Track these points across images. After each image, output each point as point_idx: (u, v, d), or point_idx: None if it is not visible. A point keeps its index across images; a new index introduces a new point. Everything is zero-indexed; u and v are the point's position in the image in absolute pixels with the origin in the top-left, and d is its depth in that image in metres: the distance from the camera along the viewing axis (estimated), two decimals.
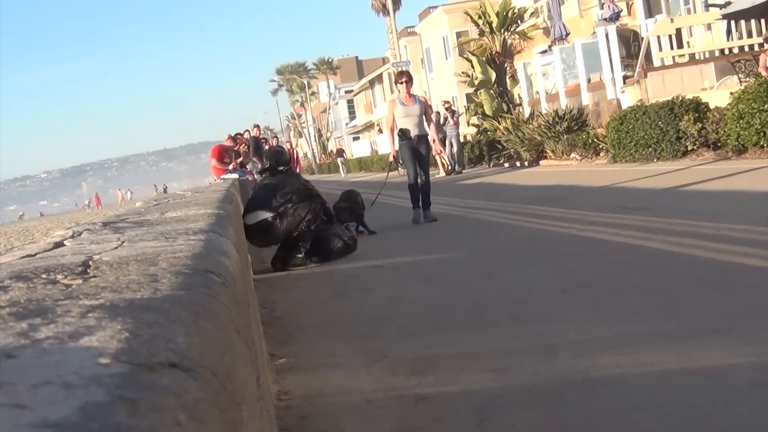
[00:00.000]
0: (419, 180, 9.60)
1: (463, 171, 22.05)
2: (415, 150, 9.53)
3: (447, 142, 22.13)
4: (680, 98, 13.17)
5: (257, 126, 18.74)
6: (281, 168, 7.33)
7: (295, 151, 28.04)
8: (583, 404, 2.61)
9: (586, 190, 9.06)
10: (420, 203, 9.55)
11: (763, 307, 3.50)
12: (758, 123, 10.98)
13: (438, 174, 23.67)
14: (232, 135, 15.28)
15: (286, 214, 6.86)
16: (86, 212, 69.36)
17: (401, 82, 9.53)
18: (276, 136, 30.84)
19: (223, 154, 14.15)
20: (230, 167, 14.00)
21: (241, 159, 14.51)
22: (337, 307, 5.07)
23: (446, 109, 22.98)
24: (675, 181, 9.47)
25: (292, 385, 3.25)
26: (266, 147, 19.08)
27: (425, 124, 9.67)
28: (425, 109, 9.71)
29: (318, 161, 65.59)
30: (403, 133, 9.46)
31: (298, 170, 25.18)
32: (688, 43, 19.57)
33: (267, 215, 6.82)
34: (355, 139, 65.45)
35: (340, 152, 49.70)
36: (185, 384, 0.67)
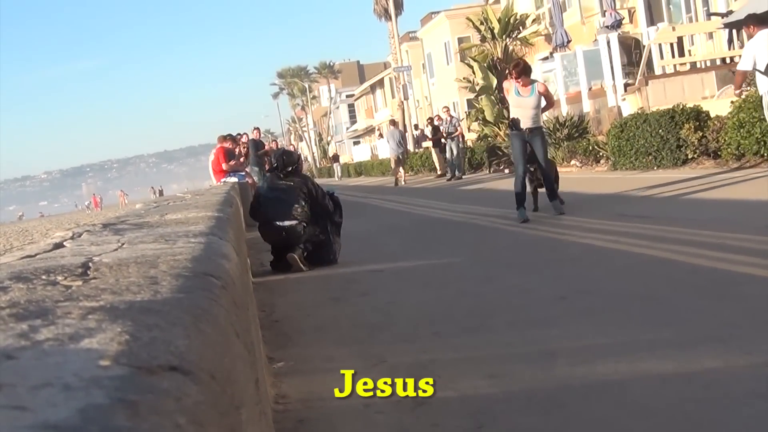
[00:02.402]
0: (537, 174, 8.91)
1: (464, 177, 22.05)
2: (525, 143, 8.69)
3: (447, 148, 22.14)
4: (681, 106, 13.17)
5: (257, 129, 18.71)
6: (290, 168, 7.38)
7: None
8: (581, 411, 2.61)
9: (586, 197, 9.07)
10: (525, 204, 8.66)
11: (762, 316, 3.50)
12: (758, 132, 10.99)
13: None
14: (225, 135, 15.22)
15: (309, 223, 7.14)
16: (86, 213, 69.36)
17: (512, 76, 8.72)
18: (276, 140, 30.80)
19: (228, 156, 14.11)
20: (232, 163, 13.99)
21: (243, 160, 14.47)
22: (335, 311, 5.06)
23: (448, 115, 23.06)
24: (675, 189, 9.47)
25: (290, 388, 3.25)
26: (274, 147, 19.07)
27: (541, 114, 8.98)
28: (543, 97, 8.81)
29: (318, 165, 65.65)
30: (514, 123, 8.68)
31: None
32: (689, 51, 19.60)
33: (296, 222, 7.08)
34: (355, 143, 65.49)
35: (336, 158, 50.75)
36: (185, 387, 0.67)
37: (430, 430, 2.61)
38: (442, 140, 22.57)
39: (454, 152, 22.05)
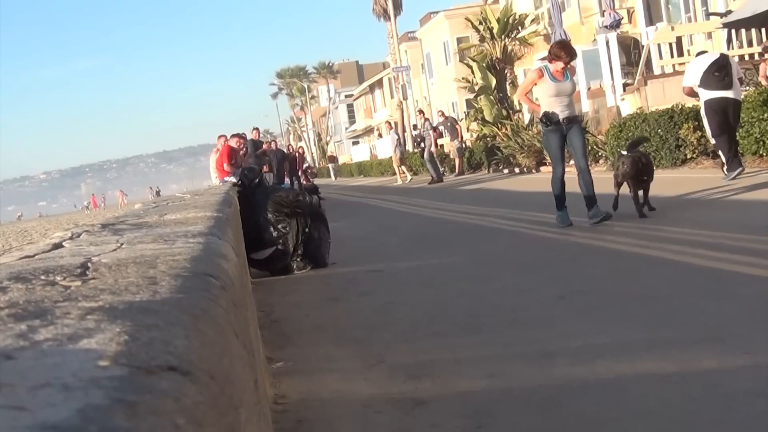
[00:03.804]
0: (579, 173, 7.67)
1: (463, 176, 22.03)
2: (563, 139, 7.60)
3: (426, 152, 22.04)
4: (680, 106, 13.17)
5: (256, 129, 18.77)
6: (255, 182, 7.29)
7: (296, 153, 27.98)
8: (579, 411, 2.61)
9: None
10: (566, 203, 7.61)
11: (761, 315, 3.51)
12: (757, 132, 10.99)
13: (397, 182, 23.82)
14: (241, 134, 15.24)
15: (288, 236, 6.98)
16: (85, 213, 69.34)
17: (559, 59, 7.45)
18: (275, 140, 30.72)
19: (231, 156, 14.04)
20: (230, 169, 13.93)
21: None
22: (334, 311, 5.07)
23: (423, 119, 23.14)
24: (673, 190, 9.47)
25: (289, 388, 3.25)
26: (273, 147, 19.12)
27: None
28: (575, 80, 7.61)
29: (317, 165, 65.67)
30: (548, 118, 7.49)
31: (300, 173, 25.17)
32: (688, 51, 19.57)
33: (273, 248, 6.94)
34: (354, 143, 65.48)
35: (332, 159, 51.10)
36: (184, 387, 0.67)
37: (429, 430, 2.61)
38: (421, 145, 22.69)
39: (426, 158, 22.02)
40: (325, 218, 7.41)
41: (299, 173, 25.08)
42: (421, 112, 25.09)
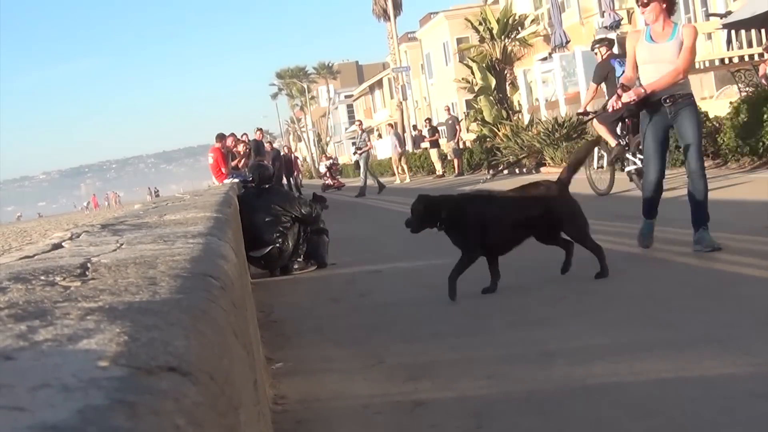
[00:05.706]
0: (688, 176, 5.74)
1: (463, 176, 22.02)
2: (665, 127, 5.56)
3: (360, 163, 21.12)
4: None
5: (260, 130, 18.90)
6: (265, 185, 7.29)
7: (293, 155, 28.00)
8: (579, 412, 2.61)
9: (584, 198, 9.05)
10: (656, 212, 5.65)
11: (761, 316, 3.51)
12: (758, 133, 10.99)
13: (396, 181, 23.54)
14: (239, 136, 15.29)
15: (288, 236, 6.97)
16: (84, 213, 69.32)
17: (646, 4, 5.37)
18: (270, 142, 30.78)
19: (226, 157, 14.00)
20: (234, 163, 13.96)
21: (241, 161, 14.42)
22: (334, 311, 5.06)
23: (360, 129, 22.77)
24: (673, 190, 9.46)
25: (289, 389, 3.25)
26: (268, 148, 19.16)
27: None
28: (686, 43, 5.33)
29: (317, 165, 65.65)
30: (647, 97, 5.42)
31: (297, 174, 25.20)
32: None
33: (273, 246, 6.92)
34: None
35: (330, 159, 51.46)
36: (184, 388, 0.67)
37: (429, 431, 2.61)
38: (354, 155, 22.30)
39: (361, 168, 20.99)
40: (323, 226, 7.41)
41: (295, 174, 25.15)
42: (359, 122, 24.81)
